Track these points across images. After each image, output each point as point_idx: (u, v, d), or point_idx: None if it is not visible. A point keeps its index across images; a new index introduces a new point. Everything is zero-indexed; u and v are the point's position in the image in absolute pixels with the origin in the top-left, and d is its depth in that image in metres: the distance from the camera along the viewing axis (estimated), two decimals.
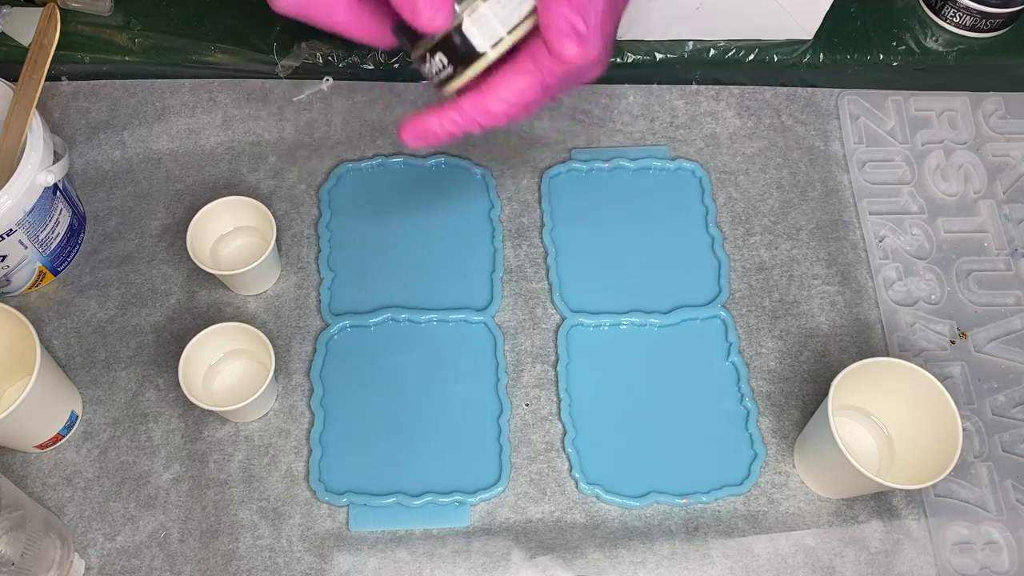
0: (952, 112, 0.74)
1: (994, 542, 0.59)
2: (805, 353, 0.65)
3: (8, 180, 0.57)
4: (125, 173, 0.69)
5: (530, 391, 0.63)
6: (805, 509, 0.60)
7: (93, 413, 0.61)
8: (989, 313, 0.67)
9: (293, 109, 0.72)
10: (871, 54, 0.74)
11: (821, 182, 0.71)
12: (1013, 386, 0.64)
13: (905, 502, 0.60)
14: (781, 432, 0.62)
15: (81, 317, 0.64)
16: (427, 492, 0.59)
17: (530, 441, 0.61)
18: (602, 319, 0.64)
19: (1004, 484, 0.61)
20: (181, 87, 0.72)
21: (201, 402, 0.57)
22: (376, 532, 0.58)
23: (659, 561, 0.57)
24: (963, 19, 0.74)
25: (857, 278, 0.67)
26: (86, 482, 0.59)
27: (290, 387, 0.62)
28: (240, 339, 0.60)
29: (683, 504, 0.59)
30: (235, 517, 0.58)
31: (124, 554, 0.57)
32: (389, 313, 0.64)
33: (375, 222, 0.68)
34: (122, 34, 0.72)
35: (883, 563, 0.58)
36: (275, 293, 0.66)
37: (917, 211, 0.70)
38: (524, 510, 0.59)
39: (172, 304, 0.65)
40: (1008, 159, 0.72)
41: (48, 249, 0.63)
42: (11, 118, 0.59)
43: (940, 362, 0.64)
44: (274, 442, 0.61)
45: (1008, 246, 0.69)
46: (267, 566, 0.57)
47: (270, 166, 0.70)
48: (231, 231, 0.65)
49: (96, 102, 0.72)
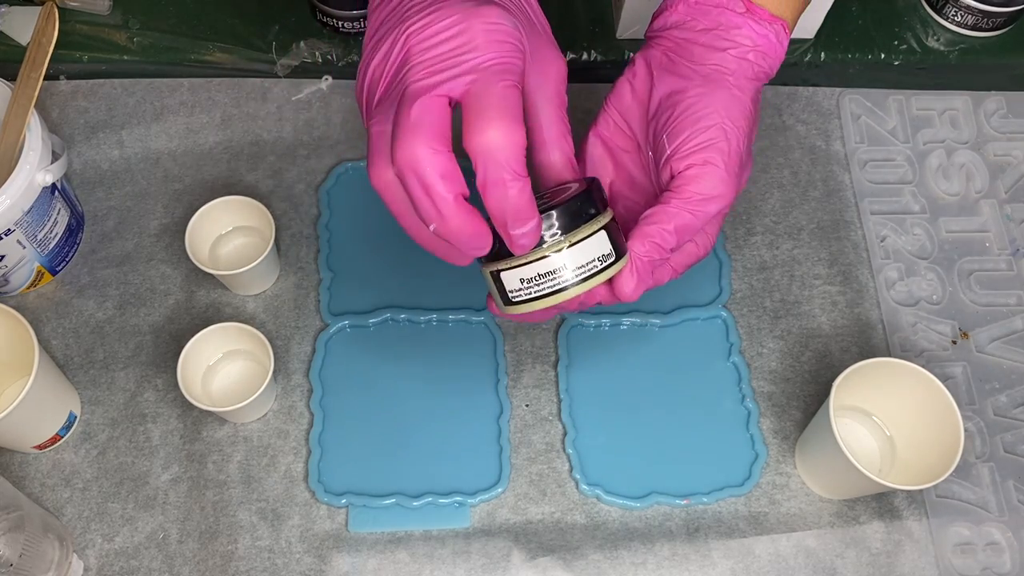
0: (954, 111, 0.74)
1: (996, 543, 0.59)
2: (806, 353, 0.65)
3: (6, 179, 0.57)
4: (123, 172, 0.69)
5: (530, 391, 0.63)
6: (806, 510, 0.59)
7: (92, 413, 0.61)
8: (991, 313, 0.66)
9: (292, 108, 0.72)
10: (872, 53, 0.73)
11: (822, 182, 0.71)
12: (1015, 386, 0.64)
13: (906, 503, 0.60)
14: (782, 433, 0.62)
15: (79, 317, 0.64)
16: (427, 493, 0.59)
17: (530, 442, 0.61)
18: (602, 319, 0.64)
19: (1006, 485, 0.61)
20: (180, 86, 0.72)
21: (200, 403, 0.56)
22: (375, 533, 0.58)
23: (660, 562, 0.57)
24: (965, 18, 0.73)
25: (858, 278, 0.67)
26: (84, 483, 0.59)
27: (289, 387, 0.62)
28: (239, 339, 0.60)
29: (684, 505, 0.59)
30: (234, 518, 0.58)
31: (123, 555, 0.57)
32: (389, 313, 0.64)
33: (375, 222, 0.67)
34: (121, 33, 0.72)
35: (884, 564, 0.58)
36: (274, 293, 0.65)
37: (919, 211, 0.70)
38: (524, 511, 0.59)
39: (171, 304, 0.65)
40: (1010, 159, 0.72)
41: (46, 249, 0.62)
42: (9, 117, 0.59)
43: (942, 362, 0.64)
44: (273, 443, 0.60)
45: (1010, 246, 0.69)
46: (266, 567, 0.57)
47: (269, 165, 0.70)
48: (230, 231, 0.65)
49: (95, 101, 0.71)
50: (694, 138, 0.48)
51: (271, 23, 0.72)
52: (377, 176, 0.43)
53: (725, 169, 0.48)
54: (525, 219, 0.41)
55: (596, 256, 0.44)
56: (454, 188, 0.40)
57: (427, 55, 0.42)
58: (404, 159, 0.40)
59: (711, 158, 0.48)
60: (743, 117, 0.49)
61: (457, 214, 0.40)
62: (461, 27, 0.41)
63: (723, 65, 0.50)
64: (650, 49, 0.53)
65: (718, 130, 0.48)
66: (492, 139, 0.39)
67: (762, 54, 0.50)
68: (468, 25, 0.41)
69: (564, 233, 0.43)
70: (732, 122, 0.48)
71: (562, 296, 0.44)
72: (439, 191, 0.40)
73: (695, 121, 0.48)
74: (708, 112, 0.48)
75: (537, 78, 0.46)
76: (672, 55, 0.51)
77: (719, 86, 0.49)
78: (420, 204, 0.41)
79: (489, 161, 0.39)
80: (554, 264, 0.44)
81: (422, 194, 0.40)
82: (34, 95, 0.60)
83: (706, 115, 0.48)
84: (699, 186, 0.47)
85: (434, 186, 0.40)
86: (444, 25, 0.42)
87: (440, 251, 0.45)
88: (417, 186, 0.40)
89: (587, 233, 0.44)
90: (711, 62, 0.50)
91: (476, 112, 0.40)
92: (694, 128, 0.48)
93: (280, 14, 0.73)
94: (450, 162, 0.40)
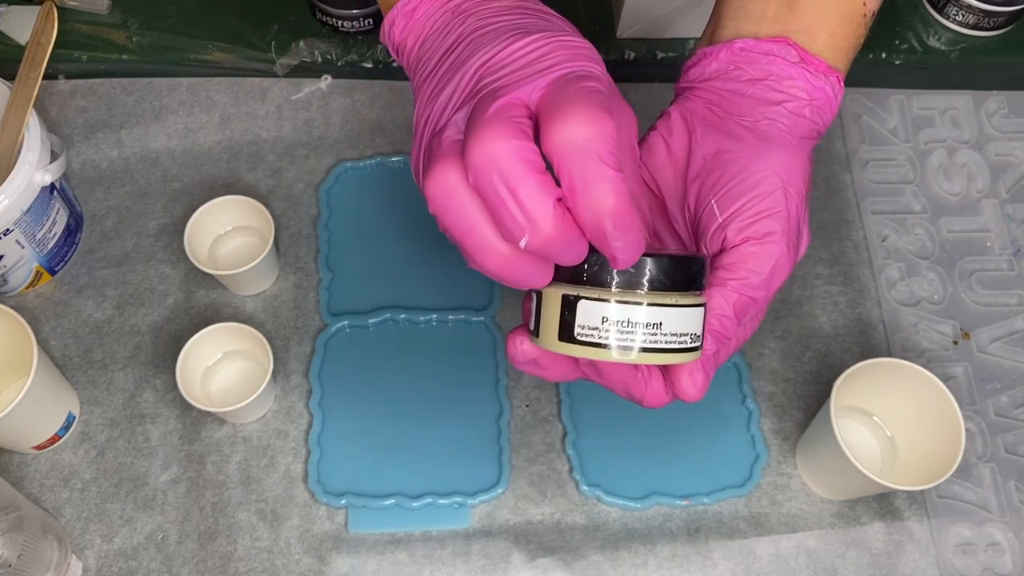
0: (955, 111, 0.74)
1: (997, 543, 0.59)
2: (807, 354, 0.64)
3: (5, 179, 0.57)
4: (123, 172, 0.69)
5: (530, 392, 0.62)
6: (807, 510, 0.59)
7: (90, 414, 0.61)
8: (992, 313, 0.66)
9: (291, 108, 0.72)
10: (873, 53, 0.73)
11: (823, 181, 0.71)
12: (1016, 387, 0.64)
13: (907, 503, 0.60)
14: (783, 433, 0.62)
15: (78, 317, 0.64)
16: (427, 493, 0.58)
17: (530, 442, 0.61)
18: None
19: (1007, 485, 0.60)
20: (179, 86, 0.72)
21: (199, 403, 0.56)
22: (375, 534, 0.58)
23: (660, 563, 0.57)
24: (966, 17, 0.73)
25: (859, 278, 0.67)
26: (83, 483, 0.59)
27: (288, 388, 0.62)
28: (238, 339, 0.60)
29: (684, 506, 0.59)
30: (233, 519, 0.58)
31: (121, 556, 0.57)
32: (388, 313, 0.64)
33: (374, 221, 0.67)
34: (120, 33, 0.71)
35: (885, 564, 0.58)
36: (273, 293, 0.65)
37: (920, 211, 0.70)
38: (524, 512, 0.59)
39: (170, 304, 0.64)
40: (1011, 158, 0.72)
41: (45, 249, 0.62)
42: (8, 117, 0.59)
43: (943, 363, 0.64)
44: (272, 443, 0.60)
45: (1011, 246, 0.69)
46: (265, 568, 0.57)
47: (268, 165, 0.69)
48: (229, 231, 0.65)
49: (94, 101, 0.71)
50: (753, 206, 0.41)
51: (270, 22, 0.72)
52: (438, 181, 0.34)
53: (787, 244, 0.41)
54: (627, 224, 0.33)
55: (685, 332, 0.37)
56: (551, 189, 0.33)
57: (503, 70, 0.37)
58: (483, 156, 0.33)
59: (772, 230, 0.41)
60: (803, 180, 0.43)
61: (555, 218, 0.33)
62: (539, 44, 0.37)
63: (777, 120, 0.44)
64: (688, 102, 0.46)
65: (780, 196, 0.41)
66: (576, 131, 0.33)
67: (818, 110, 0.44)
68: (548, 43, 0.37)
69: (675, 290, 0.36)
70: (793, 187, 0.42)
71: (629, 357, 0.37)
72: (533, 192, 0.33)
73: (753, 186, 0.42)
74: (767, 175, 0.42)
75: None
76: (716, 109, 0.45)
77: (776, 144, 0.43)
78: (505, 212, 0.33)
79: (575, 157, 0.33)
80: (648, 317, 0.36)
81: (508, 199, 0.33)
82: (33, 94, 0.59)
83: (764, 179, 0.42)
84: (759, 263, 0.41)
85: (525, 186, 0.33)
86: (521, 45, 0.37)
87: (518, 274, 0.36)
88: (502, 188, 0.33)
89: (695, 302, 0.37)
90: (764, 117, 0.44)
91: (554, 108, 0.33)
92: (753, 194, 0.41)
93: (279, 13, 0.73)
94: (541, 160, 0.33)
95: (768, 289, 0.41)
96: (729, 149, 0.43)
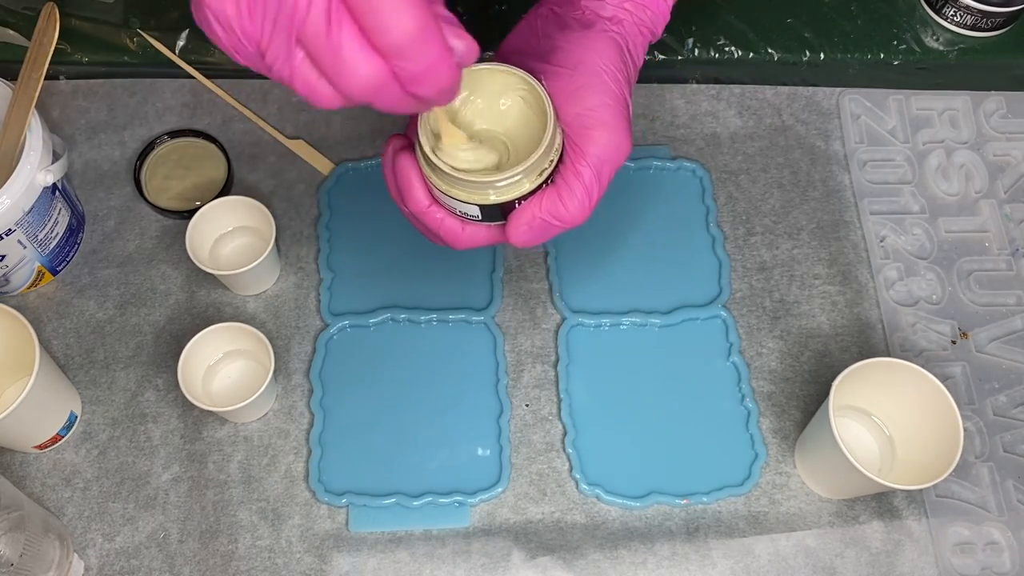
0: (953, 111, 0.74)
1: (995, 543, 0.59)
2: (806, 353, 0.65)
3: (7, 180, 0.57)
4: (124, 173, 0.69)
5: (530, 391, 0.63)
6: (806, 510, 0.59)
7: (92, 413, 0.61)
8: (990, 313, 0.66)
9: (292, 109, 0.72)
10: (872, 53, 0.73)
11: (822, 182, 0.71)
12: (1014, 386, 0.64)
13: (906, 503, 0.60)
14: (782, 432, 0.62)
15: (80, 317, 0.64)
16: (427, 492, 0.59)
17: (530, 441, 0.61)
18: (602, 319, 0.64)
19: (1005, 484, 0.61)
20: (181, 86, 0.72)
21: (200, 402, 0.56)
22: (376, 533, 0.58)
23: (659, 562, 0.57)
24: (964, 18, 0.73)
25: (858, 278, 0.67)
26: (85, 483, 0.59)
27: (289, 387, 0.62)
28: (239, 339, 0.60)
29: (684, 505, 0.59)
30: (234, 518, 0.58)
31: (123, 555, 0.57)
32: (389, 313, 0.64)
33: (375, 222, 0.67)
34: (121, 33, 0.72)
35: (884, 564, 0.58)
36: (274, 293, 0.65)
37: (918, 211, 0.70)
38: (524, 511, 0.59)
39: (171, 304, 0.65)
40: (1009, 159, 0.72)
41: (47, 249, 0.63)
42: (10, 117, 0.59)
43: (941, 362, 0.64)
44: (273, 442, 0.61)
45: (1009, 246, 0.69)
46: (266, 567, 0.57)
47: (269, 166, 0.70)
48: (230, 231, 0.65)
49: (95, 101, 0.72)
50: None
51: None
52: None
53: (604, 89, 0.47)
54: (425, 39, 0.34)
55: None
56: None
57: None
58: None
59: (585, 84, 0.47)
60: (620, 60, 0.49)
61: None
62: None
63: (599, 13, 0.50)
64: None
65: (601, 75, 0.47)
66: None
67: (642, 5, 0.51)
68: None
69: None
70: (611, 65, 0.48)
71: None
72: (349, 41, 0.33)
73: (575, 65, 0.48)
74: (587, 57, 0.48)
75: None
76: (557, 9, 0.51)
77: (595, 29, 0.49)
78: None
79: None
80: None
81: None
82: (35, 95, 0.60)
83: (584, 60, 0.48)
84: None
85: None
86: None
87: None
88: None
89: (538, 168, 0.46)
90: (590, 8, 0.50)
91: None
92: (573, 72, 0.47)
93: None
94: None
95: None
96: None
